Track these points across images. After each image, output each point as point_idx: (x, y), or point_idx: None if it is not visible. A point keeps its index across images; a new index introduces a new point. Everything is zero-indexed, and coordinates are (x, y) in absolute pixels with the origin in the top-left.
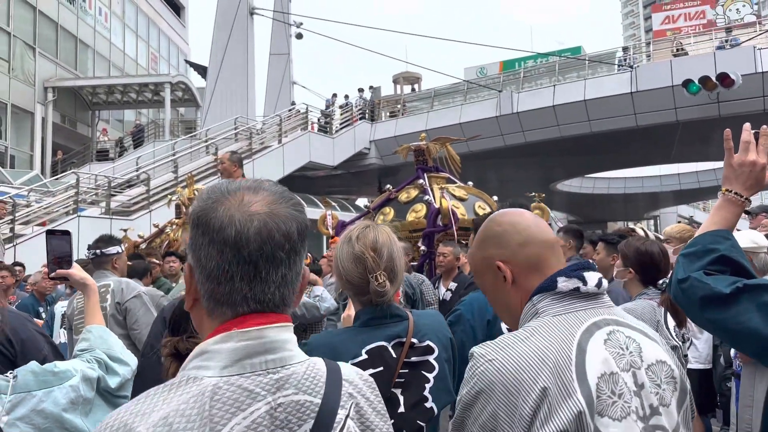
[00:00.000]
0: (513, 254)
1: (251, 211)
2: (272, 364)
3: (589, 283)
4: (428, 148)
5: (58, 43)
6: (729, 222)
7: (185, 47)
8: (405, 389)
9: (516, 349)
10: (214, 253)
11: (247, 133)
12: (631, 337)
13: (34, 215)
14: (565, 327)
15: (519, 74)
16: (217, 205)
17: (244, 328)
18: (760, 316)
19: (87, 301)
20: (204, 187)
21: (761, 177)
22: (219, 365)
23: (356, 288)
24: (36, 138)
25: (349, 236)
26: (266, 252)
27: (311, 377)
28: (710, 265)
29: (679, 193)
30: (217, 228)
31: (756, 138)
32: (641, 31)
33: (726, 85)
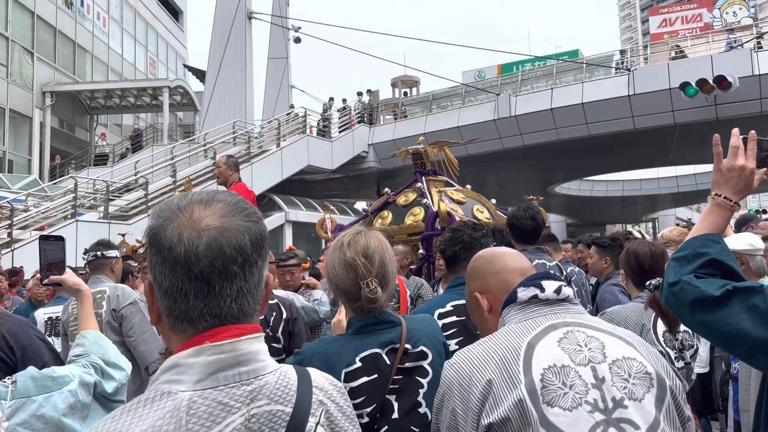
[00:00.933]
0: (488, 284)
1: (201, 227)
2: (245, 375)
3: (546, 290)
4: (426, 151)
5: (57, 48)
6: (719, 226)
7: (183, 52)
8: (399, 395)
9: (472, 351)
10: (167, 271)
11: (245, 137)
12: (593, 337)
13: (32, 220)
14: (521, 330)
15: (517, 78)
16: (167, 223)
17: (217, 342)
18: (749, 318)
19: (81, 306)
20: (161, 204)
21: (750, 181)
22: (192, 379)
23: (348, 294)
24: (34, 142)
25: (340, 242)
26: (218, 267)
27: (283, 386)
28: (700, 268)
29: (677, 196)
30: (167, 247)
31: (744, 143)
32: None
33: (723, 88)
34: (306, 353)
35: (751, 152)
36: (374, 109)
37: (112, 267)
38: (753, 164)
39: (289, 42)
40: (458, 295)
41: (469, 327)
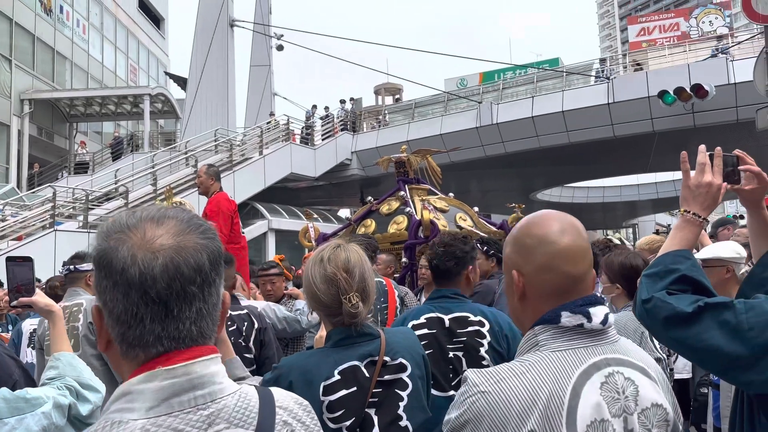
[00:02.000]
0: (529, 273)
1: (155, 247)
2: (201, 399)
3: (594, 320)
4: (409, 159)
5: (35, 55)
6: (689, 242)
7: (165, 59)
8: (379, 408)
9: (509, 383)
10: (119, 296)
11: (227, 144)
12: (630, 379)
13: (10, 230)
14: (563, 366)
15: (498, 86)
16: (117, 243)
17: (170, 366)
18: (721, 333)
19: (53, 328)
20: (106, 222)
21: (717, 197)
22: (145, 406)
23: (328, 309)
24: (12, 151)
25: (320, 257)
26: (176, 289)
27: (243, 408)
28: (672, 284)
29: (657, 202)
30: (120, 269)
31: (711, 159)
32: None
33: (700, 96)
34: (284, 367)
35: (717, 168)
36: (357, 116)
37: (87, 280)
38: (719, 180)
39: (272, 50)
40: (435, 308)
41: (440, 341)
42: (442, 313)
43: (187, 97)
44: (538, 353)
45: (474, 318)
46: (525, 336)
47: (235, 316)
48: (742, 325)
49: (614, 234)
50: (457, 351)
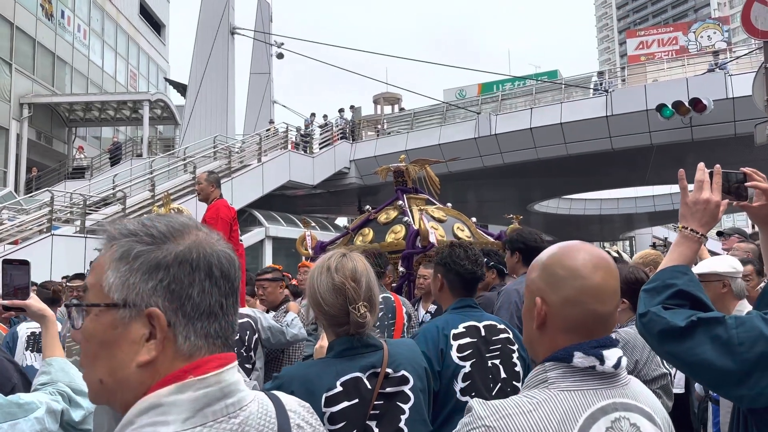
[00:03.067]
0: (554, 303)
1: (223, 245)
2: (232, 408)
3: (606, 363)
4: (408, 169)
5: (36, 59)
6: (687, 258)
7: (165, 65)
8: (380, 421)
9: (516, 420)
10: (212, 288)
11: (226, 151)
12: (635, 425)
13: (7, 234)
14: (570, 408)
15: (497, 97)
16: (196, 240)
17: (201, 375)
18: (713, 348)
19: (45, 332)
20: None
21: (715, 213)
22: (180, 418)
23: (334, 319)
24: (10, 154)
25: (326, 266)
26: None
27: (265, 414)
28: (669, 299)
29: (653, 215)
30: (216, 262)
31: (711, 176)
32: (616, 55)
33: (698, 110)
34: (285, 377)
35: (716, 185)
36: (356, 125)
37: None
38: (718, 197)
39: (272, 58)
40: (468, 317)
41: (480, 349)
42: (475, 321)
43: (186, 103)
44: (547, 391)
45: (500, 326)
46: (534, 370)
47: (238, 325)
48: (732, 340)
49: (611, 246)
50: (494, 359)
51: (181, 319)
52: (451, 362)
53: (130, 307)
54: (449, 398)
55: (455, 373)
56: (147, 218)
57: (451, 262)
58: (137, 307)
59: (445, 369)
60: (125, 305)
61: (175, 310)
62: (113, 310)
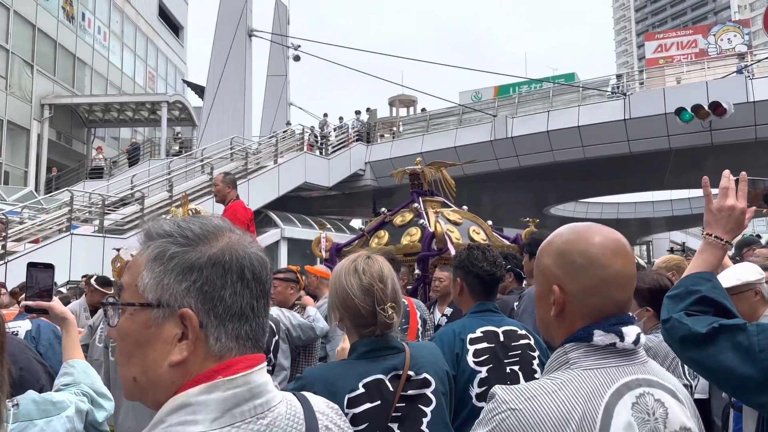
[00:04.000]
0: (574, 292)
1: (256, 248)
2: (260, 409)
3: (626, 339)
4: (423, 172)
5: (56, 61)
6: (711, 264)
7: (183, 67)
8: (402, 423)
9: (541, 402)
10: (244, 290)
11: (242, 153)
12: (660, 400)
13: (27, 232)
14: (595, 385)
15: (514, 99)
16: (230, 242)
17: (230, 376)
18: (734, 355)
19: (66, 335)
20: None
21: (740, 220)
22: (209, 418)
23: (362, 320)
24: (31, 155)
25: (353, 267)
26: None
27: (293, 416)
28: (692, 305)
29: (671, 219)
30: (248, 265)
31: (736, 183)
32: (634, 58)
33: (718, 114)
34: (308, 378)
35: (742, 192)
36: (372, 127)
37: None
38: (743, 204)
39: (289, 60)
40: (486, 321)
41: (498, 355)
42: (494, 326)
43: (204, 105)
44: (570, 371)
45: (521, 331)
46: (555, 353)
47: None
48: (753, 347)
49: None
50: (513, 365)
51: (213, 320)
52: (466, 367)
53: (163, 307)
54: (465, 403)
55: (471, 378)
56: (183, 219)
57: (470, 265)
58: (171, 308)
59: (460, 374)
60: (159, 305)
61: (207, 312)
62: (147, 310)
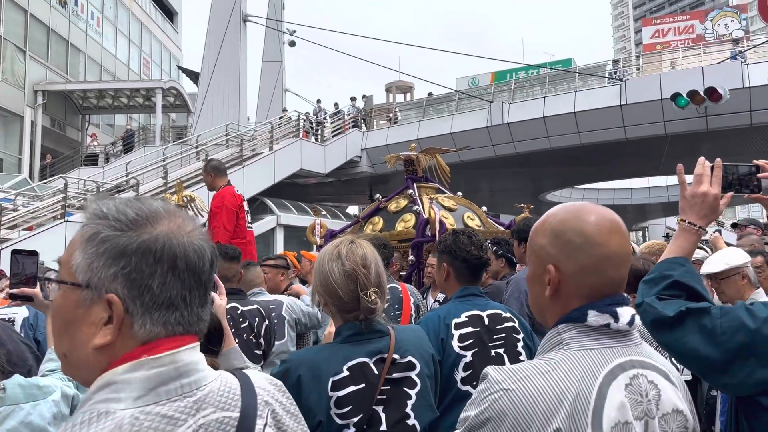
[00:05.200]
0: (570, 272)
1: (198, 237)
2: (188, 387)
3: (621, 320)
4: (418, 158)
5: (49, 47)
6: (685, 250)
7: (178, 53)
8: (387, 406)
9: (534, 382)
10: (174, 281)
11: (238, 139)
12: (653, 382)
13: (21, 220)
14: (589, 365)
15: (510, 85)
16: (164, 230)
17: (155, 355)
18: (699, 337)
19: (50, 322)
20: (113, 209)
21: (714, 206)
22: (132, 396)
23: (345, 305)
24: (25, 141)
25: (336, 252)
26: (212, 276)
27: (226, 393)
28: (665, 290)
29: (667, 205)
30: (182, 255)
31: (712, 170)
32: (631, 44)
33: (714, 100)
34: (293, 361)
35: (716, 179)
36: (368, 114)
37: None
38: (717, 190)
39: (284, 45)
40: (471, 306)
41: (483, 339)
42: (479, 310)
43: (198, 91)
44: (563, 352)
45: (505, 314)
46: (548, 334)
47: (247, 312)
48: (716, 330)
49: None
50: (498, 348)
51: (139, 307)
52: (451, 351)
53: (92, 289)
54: (450, 387)
55: (456, 363)
56: (123, 201)
57: (457, 249)
58: (98, 291)
59: (445, 358)
60: (88, 287)
61: (133, 299)
62: (78, 290)
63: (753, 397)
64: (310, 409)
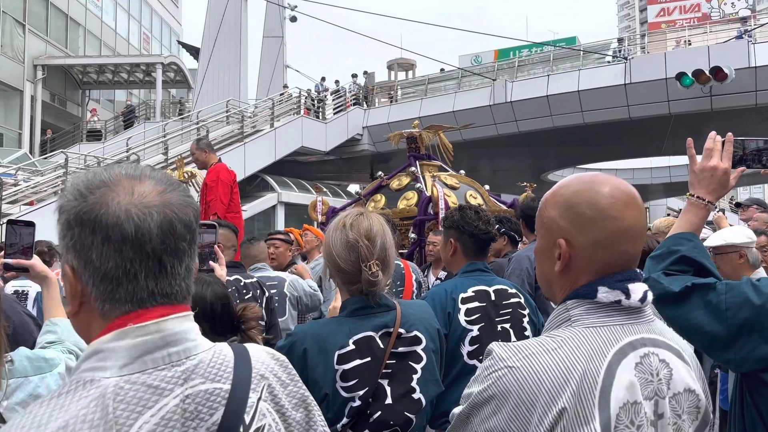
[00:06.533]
0: (582, 246)
1: (147, 203)
2: (176, 356)
3: (632, 297)
4: (421, 135)
5: (49, 21)
6: (694, 225)
7: (178, 28)
8: (392, 380)
9: (540, 360)
10: (111, 252)
11: (238, 116)
12: (664, 361)
13: (22, 194)
14: (598, 343)
15: (513, 63)
16: (105, 198)
17: (141, 323)
18: (704, 313)
19: (47, 294)
20: (72, 180)
21: (724, 181)
22: (117, 364)
23: (348, 276)
24: (25, 116)
25: (342, 222)
26: (170, 245)
27: (218, 364)
28: (672, 265)
29: (669, 186)
30: (113, 224)
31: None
32: (636, 23)
33: (719, 79)
34: (298, 334)
35: (727, 153)
36: (369, 91)
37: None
38: (726, 165)
39: (285, 21)
40: (478, 281)
41: (490, 314)
42: (485, 285)
43: (199, 66)
44: (571, 329)
45: (511, 290)
46: (556, 310)
47: (249, 284)
48: (721, 305)
49: None
50: (504, 323)
51: (88, 278)
52: (458, 326)
53: (62, 260)
54: (456, 361)
55: (462, 337)
56: (88, 172)
57: (464, 224)
58: (63, 262)
59: (452, 332)
60: (60, 257)
61: (82, 271)
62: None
63: (756, 373)
64: (316, 382)
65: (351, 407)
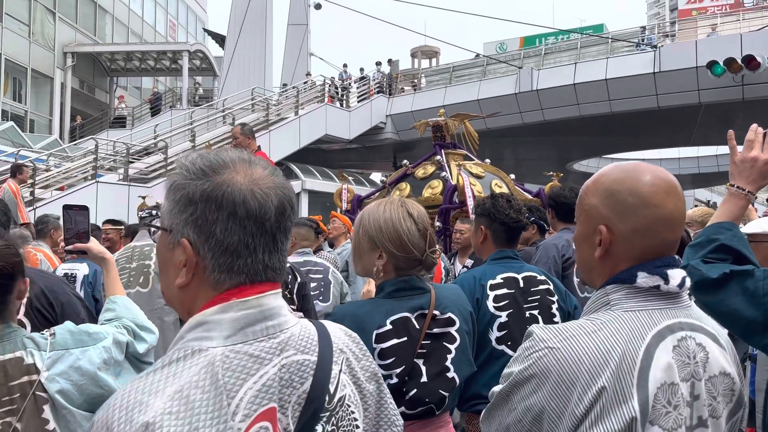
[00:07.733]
0: (623, 233)
1: (266, 184)
2: (272, 329)
3: (671, 282)
4: (447, 124)
5: (78, 8)
6: (733, 214)
7: (204, 15)
8: (427, 359)
9: (580, 341)
10: (235, 227)
11: (264, 104)
12: (701, 345)
13: (53, 180)
14: (636, 326)
15: (540, 51)
16: (229, 178)
17: (243, 298)
18: (743, 299)
19: (106, 274)
20: (189, 160)
21: (764, 171)
22: (222, 335)
23: (411, 263)
24: (55, 103)
25: (406, 212)
26: (282, 224)
27: (306, 337)
28: (711, 253)
29: (696, 177)
30: (240, 202)
31: (764, 137)
32: (666, 9)
33: (752, 68)
34: (338, 314)
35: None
36: (393, 79)
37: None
38: (767, 156)
39: (310, 8)
40: (506, 268)
41: (518, 300)
42: (514, 272)
43: (224, 54)
44: (611, 312)
45: (540, 277)
46: (595, 294)
47: None
48: (758, 291)
49: None
50: (533, 310)
51: (207, 252)
52: (486, 311)
53: (173, 233)
54: (484, 346)
55: (491, 322)
56: (200, 154)
57: (496, 212)
58: (176, 235)
59: (480, 318)
60: (170, 231)
61: (202, 244)
62: (165, 234)
63: None
64: None
65: (388, 384)
